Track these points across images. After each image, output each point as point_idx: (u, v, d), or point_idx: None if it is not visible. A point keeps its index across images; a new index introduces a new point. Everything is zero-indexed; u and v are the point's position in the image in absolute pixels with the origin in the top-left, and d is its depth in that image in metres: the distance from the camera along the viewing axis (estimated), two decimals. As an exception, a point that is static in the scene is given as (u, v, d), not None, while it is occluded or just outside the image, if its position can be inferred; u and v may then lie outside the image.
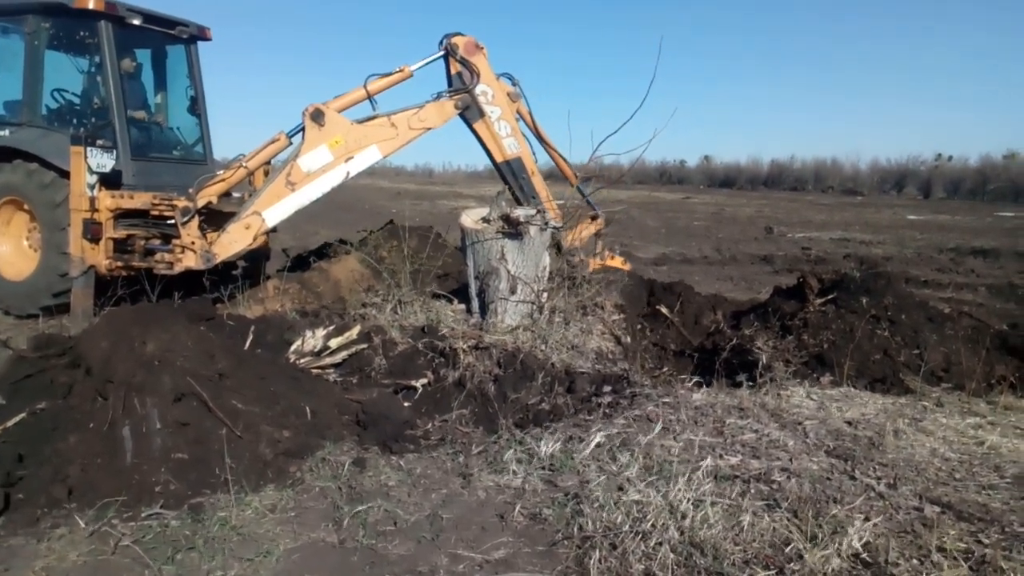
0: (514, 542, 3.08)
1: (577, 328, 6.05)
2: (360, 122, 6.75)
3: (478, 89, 7.03)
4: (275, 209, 6.68)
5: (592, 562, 2.84)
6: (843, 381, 5.03)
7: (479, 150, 7.43)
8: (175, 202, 6.74)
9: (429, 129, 6.97)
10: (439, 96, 6.98)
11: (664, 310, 6.75)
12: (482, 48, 7.08)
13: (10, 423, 3.67)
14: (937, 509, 3.17)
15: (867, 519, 3.02)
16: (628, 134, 6.61)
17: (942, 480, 3.52)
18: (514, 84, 7.36)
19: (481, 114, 7.10)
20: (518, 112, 7.37)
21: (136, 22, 7.75)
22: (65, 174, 6.95)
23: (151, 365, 3.71)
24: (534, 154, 7.45)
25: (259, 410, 3.89)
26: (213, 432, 3.62)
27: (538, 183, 7.37)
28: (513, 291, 5.96)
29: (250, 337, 4.99)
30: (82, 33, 7.74)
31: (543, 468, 3.68)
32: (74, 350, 4.11)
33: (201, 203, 6.71)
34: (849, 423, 4.23)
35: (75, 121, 7.91)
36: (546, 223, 6.08)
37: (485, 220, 6.22)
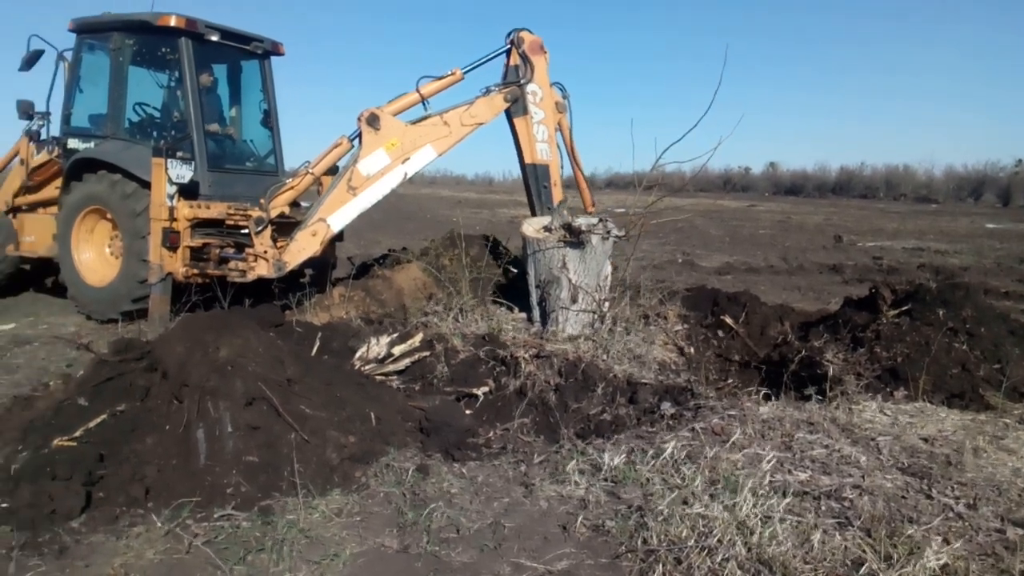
0: (577, 553, 3.06)
1: (639, 338, 6.01)
2: (414, 123, 6.94)
3: (529, 88, 7.22)
4: (339, 214, 6.88)
5: (656, 576, 2.80)
6: (918, 396, 4.85)
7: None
8: (249, 212, 6.96)
9: (480, 124, 7.14)
10: (488, 91, 7.15)
11: (729, 320, 6.62)
12: (546, 52, 7.26)
13: (92, 424, 3.83)
14: (1020, 531, 3.03)
15: (945, 540, 2.90)
16: (692, 141, 6.53)
17: (1026, 502, 3.36)
18: (564, 97, 7.56)
19: (525, 111, 7.28)
20: (559, 125, 7.53)
21: (214, 38, 8.05)
22: (146, 185, 7.25)
23: (224, 370, 3.82)
24: (561, 167, 7.60)
25: (326, 415, 3.97)
26: (282, 436, 3.71)
27: (557, 195, 7.54)
28: (574, 300, 5.95)
29: (317, 343, 5.11)
30: (163, 49, 8.08)
31: (606, 479, 3.66)
32: (152, 354, 4.26)
33: (274, 213, 6.92)
34: (925, 440, 4.07)
35: (156, 134, 8.25)
36: (608, 232, 6.06)
37: (547, 229, 6.24)
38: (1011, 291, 11.53)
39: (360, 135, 6.79)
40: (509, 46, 7.18)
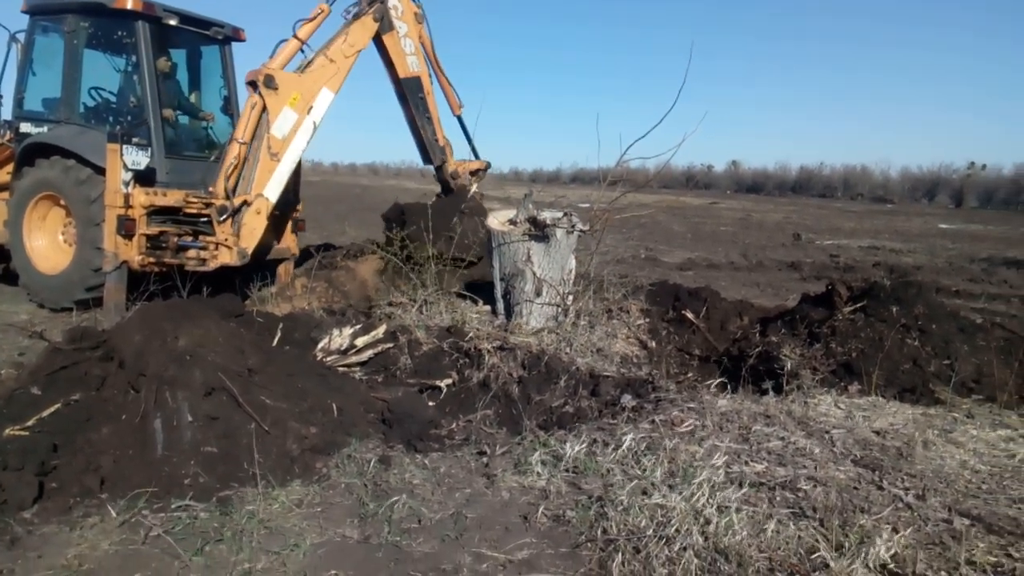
0: (537, 543, 3.09)
1: (602, 331, 6.05)
2: (303, 71, 7.07)
3: (390, 2, 7.44)
4: (272, 184, 7.04)
5: (615, 565, 2.84)
6: (871, 390, 4.97)
7: (505, 152, 7.61)
8: (213, 201, 6.86)
9: (359, 51, 7.34)
10: (355, 15, 7.32)
11: (690, 315, 6.70)
12: None
13: (45, 413, 3.74)
14: (966, 522, 3.13)
15: (895, 530, 2.99)
16: (655, 137, 6.58)
17: (972, 492, 3.47)
18: (419, 6, 7.82)
19: (391, 27, 7.51)
20: (420, 37, 7.84)
21: (172, 22, 7.89)
22: (101, 171, 7.08)
23: (183, 359, 3.77)
24: (432, 76, 8.05)
25: (287, 406, 3.94)
26: (242, 427, 3.67)
27: (431, 104, 7.98)
28: (538, 293, 5.97)
29: (278, 334, 5.06)
30: (120, 33, 7.89)
31: (567, 470, 3.69)
32: (108, 343, 4.18)
33: (238, 202, 6.84)
34: (877, 433, 4.18)
35: (111, 119, 8.07)
36: (572, 226, 6.09)
37: (512, 222, 6.24)
38: (961, 290, 11.88)
39: (262, 98, 6.84)
40: None
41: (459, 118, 8.46)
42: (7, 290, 8.65)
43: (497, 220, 6.37)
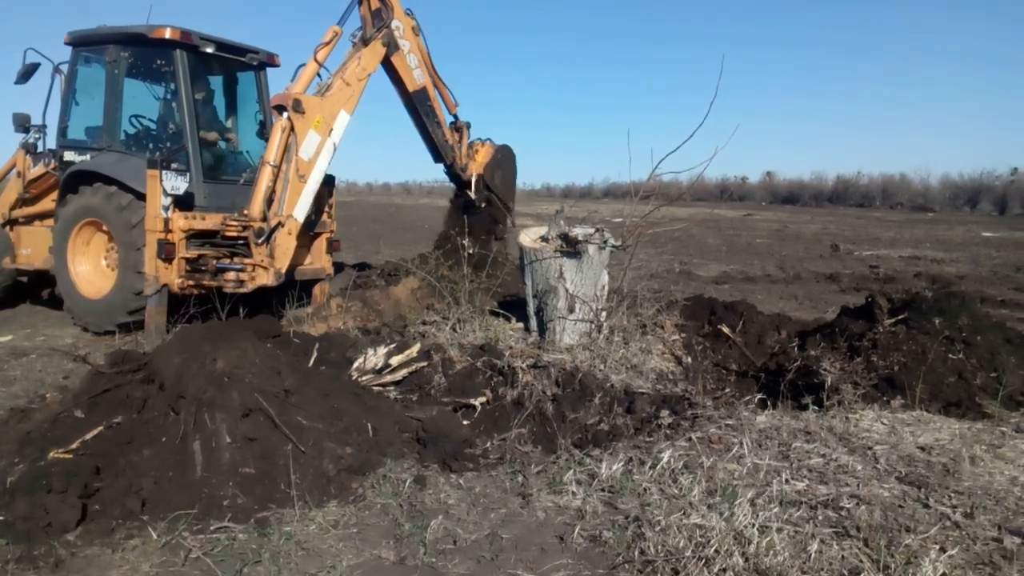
0: (574, 564, 3.05)
1: (636, 347, 5.99)
2: (322, 95, 7.23)
3: (393, 24, 7.64)
4: (300, 205, 7.24)
5: (654, 587, 2.80)
6: (915, 405, 4.85)
7: (537, 168, 7.66)
8: (250, 223, 6.98)
9: (370, 74, 7.58)
10: (365, 41, 7.51)
11: (726, 330, 6.62)
12: None
13: (88, 436, 3.82)
14: (1018, 540, 3.02)
15: (943, 549, 2.90)
16: (688, 150, 6.57)
17: (1022, 510, 3.36)
18: (414, 19, 8.01)
19: (397, 47, 7.74)
20: (419, 48, 8.10)
21: (209, 50, 8.09)
22: (142, 196, 7.26)
23: (221, 381, 3.82)
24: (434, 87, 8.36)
25: (323, 426, 3.96)
26: (279, 448, 3.71)
27: (438, 108, 8.33)
28: (571, 310, 5.95)
29: (314, 354, 5.10)
30: (159, 61, 8.11)
31: (603, 490, 3.65)
32: (148, 366, 4.26)
33: (274, 222, 6.97)
34: (922, 448, 4.07)
35: (151, 145, 8.26)
36: (605, 242, 6.06)
37: (543, 239, 6.24)
38: (1007, 299, 11.55)
39: (290, 122, 7.02)
40: None
41: (455, 116, 8.82)
42: (52, 314, 8.88)
43: (529, 237, 6.38)
